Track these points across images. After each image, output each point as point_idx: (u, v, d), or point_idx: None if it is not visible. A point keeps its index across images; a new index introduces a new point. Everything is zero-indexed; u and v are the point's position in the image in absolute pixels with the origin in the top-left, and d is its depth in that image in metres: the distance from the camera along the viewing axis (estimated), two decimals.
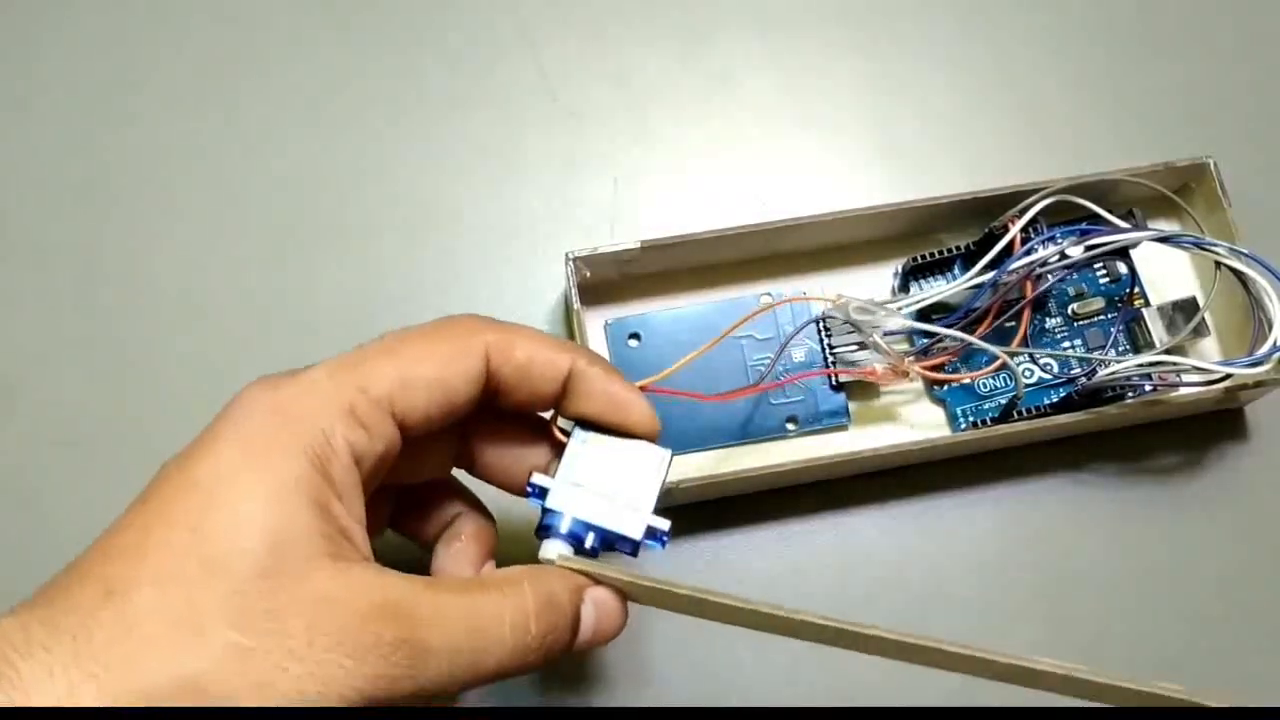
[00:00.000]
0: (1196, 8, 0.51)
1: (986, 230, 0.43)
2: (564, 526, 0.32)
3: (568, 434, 0.34)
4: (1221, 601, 0.43)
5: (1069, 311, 0.44)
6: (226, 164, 0.47)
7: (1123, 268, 0.44)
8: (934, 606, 0.42)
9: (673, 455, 0.34)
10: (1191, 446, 0.44)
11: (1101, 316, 0.44)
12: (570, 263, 0.41)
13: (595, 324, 0.44)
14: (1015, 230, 0.42)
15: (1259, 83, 0.50)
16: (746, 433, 0.43)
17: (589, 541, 0.32)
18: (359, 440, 0.29)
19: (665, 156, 0.49)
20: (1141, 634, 0.42)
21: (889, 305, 0.42)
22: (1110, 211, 0.42)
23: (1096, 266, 0.45)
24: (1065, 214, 0.43)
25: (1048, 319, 0.44)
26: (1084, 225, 0.43)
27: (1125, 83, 0.50)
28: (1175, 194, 0.44)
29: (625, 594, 0.32)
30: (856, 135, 0.49)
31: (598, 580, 0.31)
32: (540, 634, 0.29)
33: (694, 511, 0.42)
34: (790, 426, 0.43)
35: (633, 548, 0.33)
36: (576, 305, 0.41)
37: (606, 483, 0.33)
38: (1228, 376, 0.40)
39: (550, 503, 0.32)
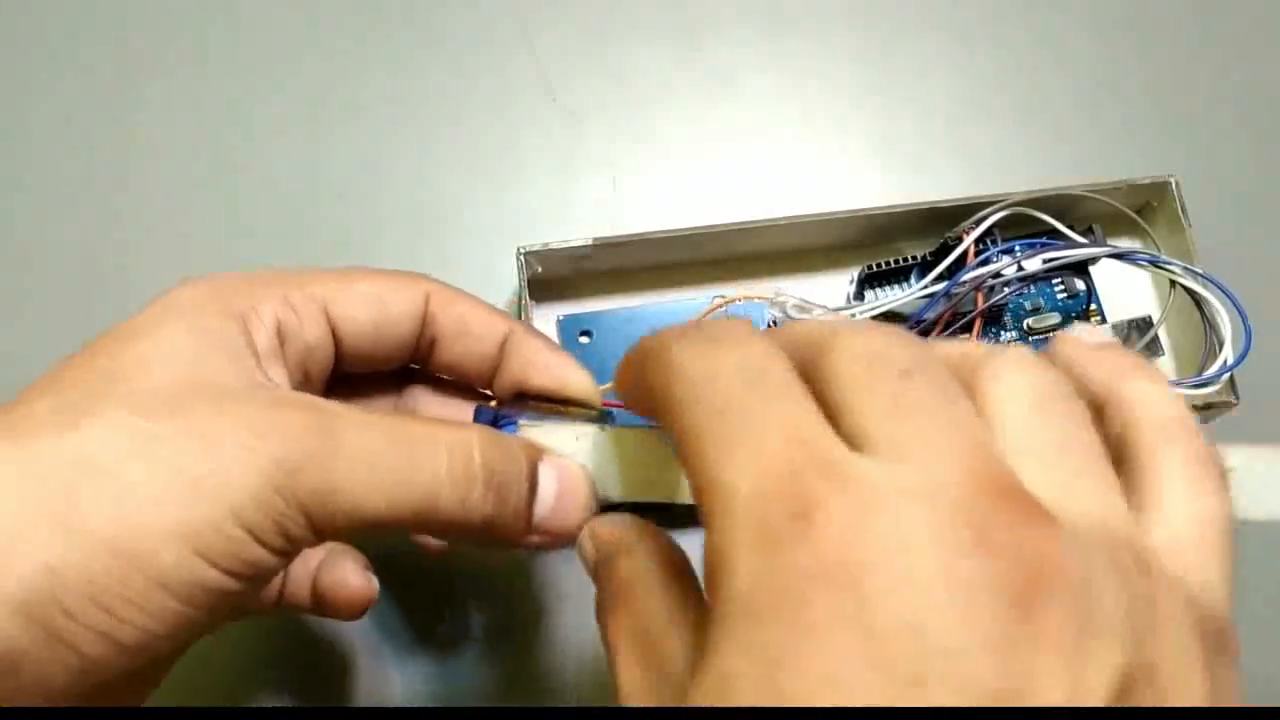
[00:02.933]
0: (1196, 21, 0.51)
1: (942, 240, 0.43)
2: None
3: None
4: None
5: (1024, 326, 0.44)
6: (226, 164, 0.48)
7: (1080, 284, 0.44)
8: None
9: (614, 419, 0.32)
10: None
11: (1056, 332, 0.44)
12: (520, 257, 0.41)
13: (548, 319, 0.44)
14: (969, 241, 0.41)
15: (1230, 104, 0.50)
16: None
17: None
18: (288, 320, 0.29)
19: (665, 156, 0.49)
20: None
21: (839, 311, 0.42)
22: (1072, 227, 0.42)
23: (1055, 282, 0.44)
24: (1027, 227, 0.43)
25: (1003, 333, 0.44)
26: (1043, 239, 0.42)
27: (1129, 92, 0.50)
28: (1137, 213, 0.44)
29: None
30: (856, 135, 0.49)
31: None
32: (486, 466, 0.27)
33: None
34: None
35: None
36: (525, 299, 0.41)
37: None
38: None
39: (505, 411, 0.30)
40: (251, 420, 0.25)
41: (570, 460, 0.29)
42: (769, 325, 0.43)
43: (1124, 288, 0.45)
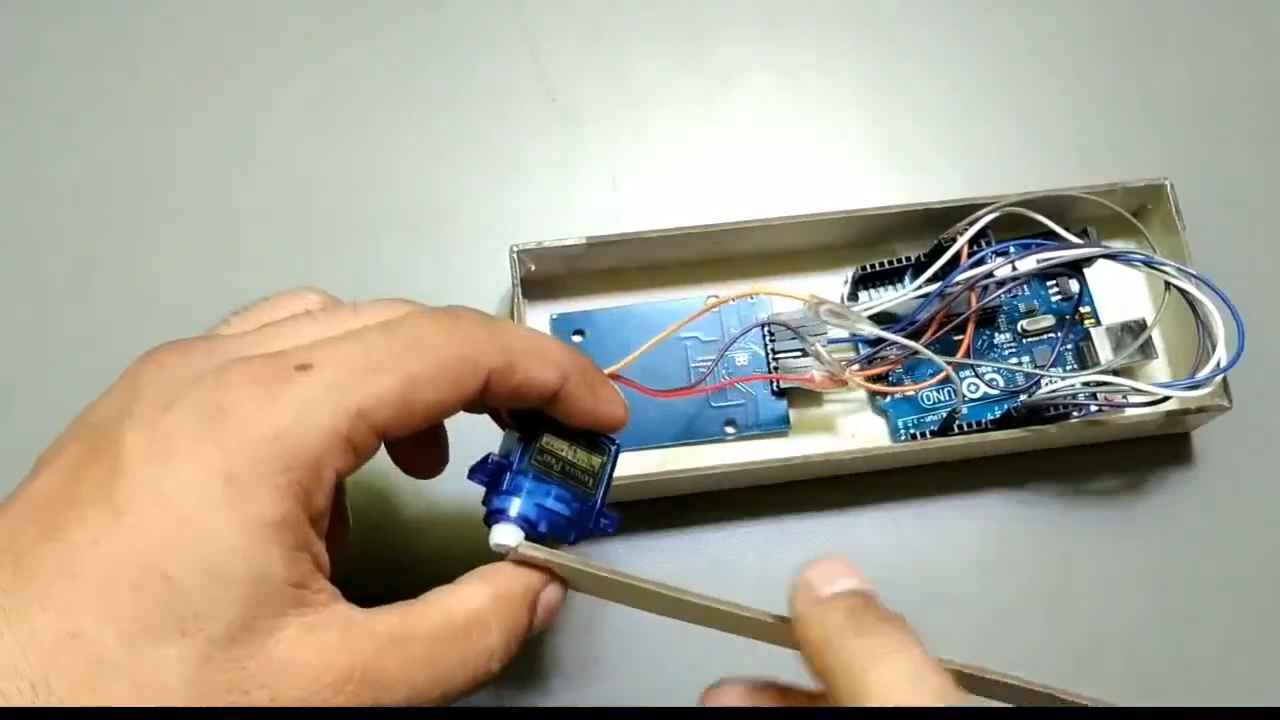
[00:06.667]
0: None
1: (936, 241, 0.43)
2: (515, 511, 0.32)
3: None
4: (1154, 628, 0.42)
5: (1018, 328, 0.44)
6: (225, 164, 0.48)
7: (1074, 285, 0.44)
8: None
9: (619, 447, 0.34)
10: (1135, 471, 0.44)
11: (1051, 334, 0.44)
12: (514, 255, 0.41)
13: (541, 317, 0.44)
14: (962, 242, 0.41)
15: (1226, 106, 0.50)
16: (685, 435, 0.43)
17: (540, 527, 0.32)
18: (345, 465, 0.27)
19: (664, 156, 0.49)
20: (1076, 655, 0.42)
21: (858, 309, 0.42)
22: (1067, 229, 0.42)
23: (1049, 284, 0.44)
24: (1023, 229, 0.43)
25: (997, 334, 0.44)
26: (1038, 240, 0.42)
27: (1125, 94, 0.50)
28: (1132, 215, 0.43)
29: (568, 582, 0.32)
30: (856, 135, 0.49)
31: (553, 573, 0.31)
32: (498, 670, 0.30)
33: (675, 504, 0.42)
34: (730, 430, 0.43)
35: (580, 533, 0.33)
36: (518, 299, 0.41)
37: (560, 469, 0.33)
38: (1166, 399, 0.40)
39: (506, 486, 0.32)
40: (303, 688, 0.26)
41: (555, 592, 0.32)
42: (765, 330, 0.43)
43: (1118, 290, 0.45)
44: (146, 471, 0.25)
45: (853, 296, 0.44)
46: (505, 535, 0.31)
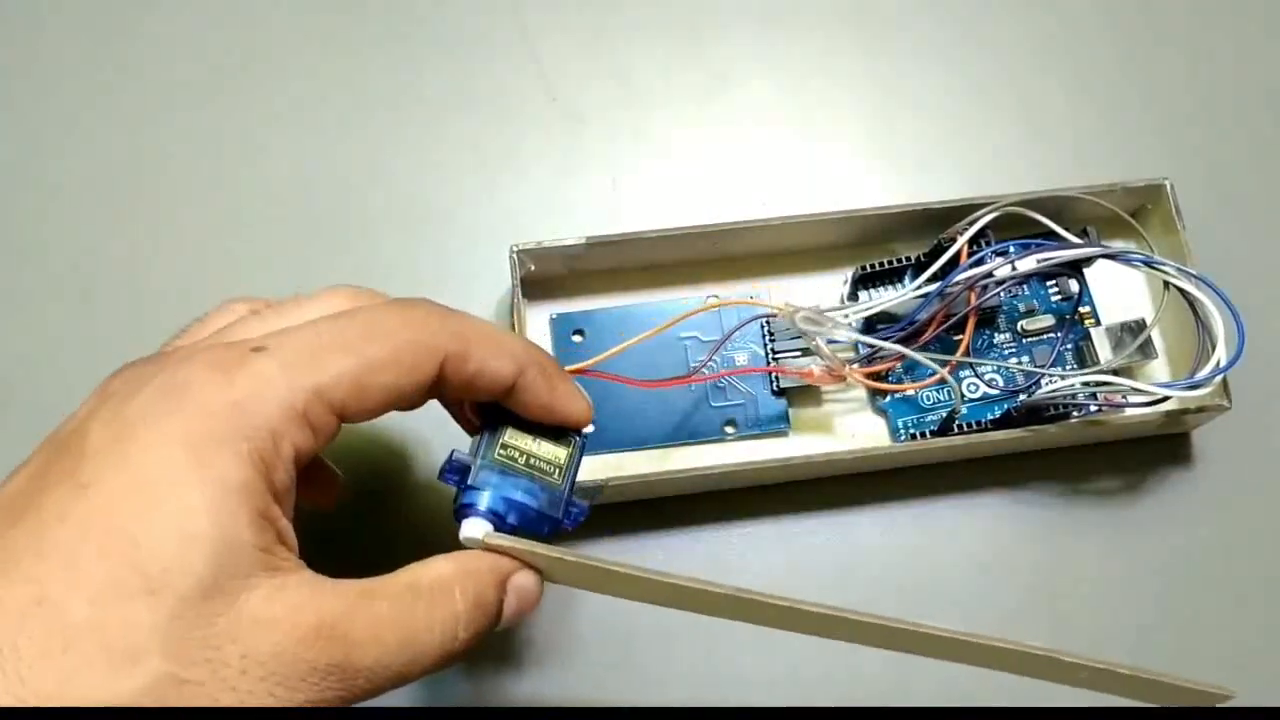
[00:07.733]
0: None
1: (936, 241, 0.43)
2: (484, 504, 0.32)
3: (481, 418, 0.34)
4: (1154, 628, 0.42)
5: (1018, 328, 0.44)
6: (225, 163, 0.48)
7: (1074, 285, 0.44)
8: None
9: (585, 439, 0.34)
10: (1134, 470, 0.44)
11: (1051, 334, 0.44)
12: (514, 255, 0.41)
13: (540, 317, 0.44)
14: (961, 242, 0.41)
15: (1226, 106, 0.50)
16: (685, 434, 0.43)
17: (509, 519, 0.32)
18: (305, 443, 0.28)
19: (664, 156, 0.49)
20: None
21: (836, 314, 0.42)
22: (1067, 229, 0.42)
23: (1049, 284, 0.44)
24: (1023, 228, 0.43)
25: (996, 334, 0.44)
26: (1038, 240, 0.42)
27: (1125, 94, 0.50)
28: (1131, 215, 0.43)
29: (543, 573, 0.32)
30: (854, 136, 0.49)
31: (522, 560, 0.32)
32: (466, 640, 0.30)
33: (675, 504, 0.42)
34: (729, 430, 0.43)
35: (551, 526, 0.33)
36: (518, 299, 0.41)
37: (525, 462, 0.33)
38: (1166, 399, 0.40)
39: (472, 480, 0.32)
40: (277, 665, 0.26)
41: (528, 578, 0.32)
42: (765, 330, 0.43)
43: (1118, 290, 0.45)
44: (111, 449, 0.26)
45: (853, 296, 0.44)
46: (473, 528, 0.32)
